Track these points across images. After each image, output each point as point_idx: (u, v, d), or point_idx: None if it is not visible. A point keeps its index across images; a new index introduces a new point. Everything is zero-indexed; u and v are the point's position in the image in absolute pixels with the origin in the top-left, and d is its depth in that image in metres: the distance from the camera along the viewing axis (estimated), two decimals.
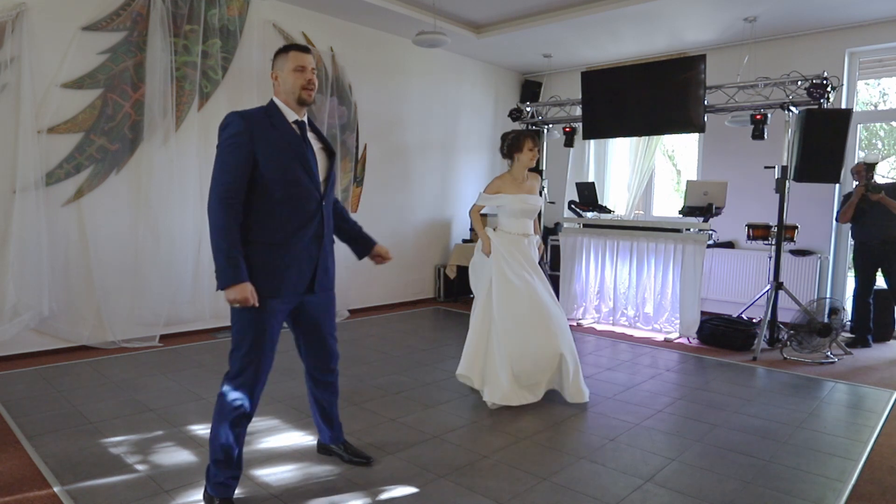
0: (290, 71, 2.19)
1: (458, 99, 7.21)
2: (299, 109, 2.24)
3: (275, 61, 2.25)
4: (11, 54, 3.90)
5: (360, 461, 2.62)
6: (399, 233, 6.65)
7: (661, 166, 7.39)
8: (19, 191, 3.96)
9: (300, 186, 2.18)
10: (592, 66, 6.92)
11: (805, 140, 4.64)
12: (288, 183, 2.15)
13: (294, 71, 2.19)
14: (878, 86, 6.04)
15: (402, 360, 4.42)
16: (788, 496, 2.44)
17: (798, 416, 3.40)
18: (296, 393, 3.54)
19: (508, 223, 3.61)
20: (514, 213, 3.57)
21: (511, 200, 3.55)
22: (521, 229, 3.60)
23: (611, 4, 5.38)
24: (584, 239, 5.94)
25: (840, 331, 4.78)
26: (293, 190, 2.16)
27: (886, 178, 6.10)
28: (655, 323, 5.55)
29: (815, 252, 5.82)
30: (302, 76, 2.20)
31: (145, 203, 4.57)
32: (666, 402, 3.61)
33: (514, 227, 3.59)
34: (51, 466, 2.53)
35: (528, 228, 3.63)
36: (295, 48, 2.24)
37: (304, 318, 2.37)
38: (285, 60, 2.21)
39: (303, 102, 2.23)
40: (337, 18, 5.81)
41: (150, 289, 4.59)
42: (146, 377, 3.81)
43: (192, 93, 4.75)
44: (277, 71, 2.22)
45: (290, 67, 2.19)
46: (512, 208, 3.56)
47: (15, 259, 3.96)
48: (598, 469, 2.66)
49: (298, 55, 2.21)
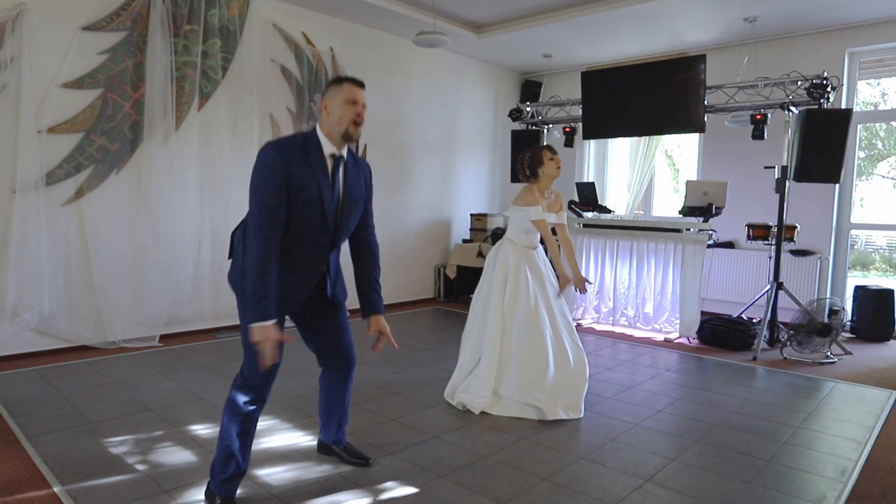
0: (341, 102, 2.11)
1: (458, 99, 7.21)
2: (342, 144, 2.17)
3: (326, 91, 2.17)
4: (11, 54, 3.90)
5: (359, 461, 2.62)
6: (399, 233, 6.65)
7: (661, 166, 7.39)
8: (19, 191, 3.97)
9: (312, 224, 2.13)
10: (592, 66, 6.92)
11: (805, 140, 4.64)
12: (303, 219, 2.11)
13: (346, 103, 2.11)
14: (877, 86, 6.03)
15: (402, 360, 4.42)
16: (788, 496, 2.44)
17: (798, 416, 3.40)
18: (296, 393, 3.54)
19: (522, 236, 3.51)
20: (530, 228, 3.48)
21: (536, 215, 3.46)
22: (531, 242, 3.54)
23: (611, 4, 5.38)
24: (583, 239, 5.94)
25: (840, 331, 4.78)
26: (306, 231, 2.13)
27: (887, 178, 6.11)
28: (655, 323, 5.55)
29: (815, 252, 5.82)
30: (353, 109, 2.12)
31: (145, 203, 4.57)
32: (666, 402, 3.61)
33: (525, 241, 3.51)
34: (51, 466, 2.53)
35: (536, 241, 3.56)
36: (350, 81, 2.15)
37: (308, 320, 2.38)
38: (338, 92, 2.13)
39: (348, 138, 2.15)
40: (337, 18, 5.81)
41: (150, 289, 4.59)
42: (146, 377, 3.81)
43: (192, 93, 4.75)
44: (328, 101, 2.14)
45: (342, 99, 2.11)
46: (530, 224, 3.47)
47: (15, 259, 3.96)
48: (598, 469, 2.66)
49: (353, 88, 2.13)
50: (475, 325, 3.50)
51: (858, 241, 6.40)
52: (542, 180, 3.49)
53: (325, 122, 2.15)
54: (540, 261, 3.54)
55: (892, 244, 6.55)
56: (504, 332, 3.37)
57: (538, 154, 3.48)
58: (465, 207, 7.41)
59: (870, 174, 6.33)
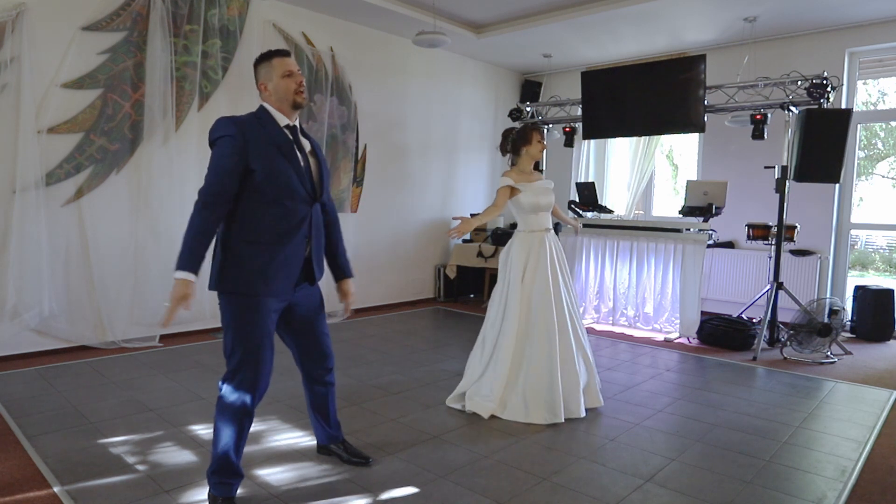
0: (279, 78, 2.19)
1: (458, 99, 7.21)
2: (292, 113, 2.25)
3: (258, 71, 2.23)
4: (11, 54, 3.90)
5: (359, 461, 2.61)
6: (399, 233, 6.65)
7: (661, 166, 7.39)
8: (19, 191, 3.96)
9: (290, 189, 2.18)
10: (592, 66, 6.92)
11: (805, 140, 4.64)
12: (279, 186, 2.15)
13: (284, 77, 2.19)
14: (876, 84, 6.03)
15: (402, 360, 4.42)
16: (788, 496, 2.44)
17: (798, 416, 3.40)
18: (296, 393, 3.54)
19: (529, 220, 3.40)
20: (533, 207, 3.36)
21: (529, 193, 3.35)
22: (544, 224, 3.41)
23: (611, 4, 5.38)
24: (583, 239, 5.94)
25: (840, 331, 4.78)
26: (284, 192, 2.17)
27: (887, 178, 6.11)
28: (655, 323, 5.55)
29: (815, 252, 5.82)
30: (292, 80, 2.20)
31: (145, 203, 4.57)
32: (666, 402, 3.61)
33: (536, 224, 3.38)
34: (51, 466, 2.53)
35: (548, 222, 3.45)
36: (277, 54, 2.22)
37: (295, 320, 2.37)
38: (270, 68, 2.20)
39: (297, 106, 2.23)
40: (337, 18, 5.81)
41: (150, 289, 4.59)
42: (146, 377, 3.81)
43: (192, 93, 4.75)
44: (265, 80, 2.20)
45: (278, 74, 2.19)
46: (530, 202, 3.35)
47: (15, 259, 3.96)
48: (598, 469, 2.66)
49: (284, 60, 2.21)
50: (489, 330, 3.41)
51: (858, 241, 6.41)
52: (522, 159, 3.41)
53: (271, 101, 2.22)
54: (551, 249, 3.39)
55: (892, 244, 6.56)
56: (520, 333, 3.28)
57: (527, 133, 3.37)
58: (465, 207, 7.41)
59: (869, 174, 6.34)
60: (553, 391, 3.19)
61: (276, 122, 2.21)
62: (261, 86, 2.22)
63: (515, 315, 3.30)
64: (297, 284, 2.29)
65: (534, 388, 3.22)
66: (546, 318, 3.26)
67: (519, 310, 3.31)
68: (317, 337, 2.44)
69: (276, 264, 2.17)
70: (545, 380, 3.21)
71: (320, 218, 2.37)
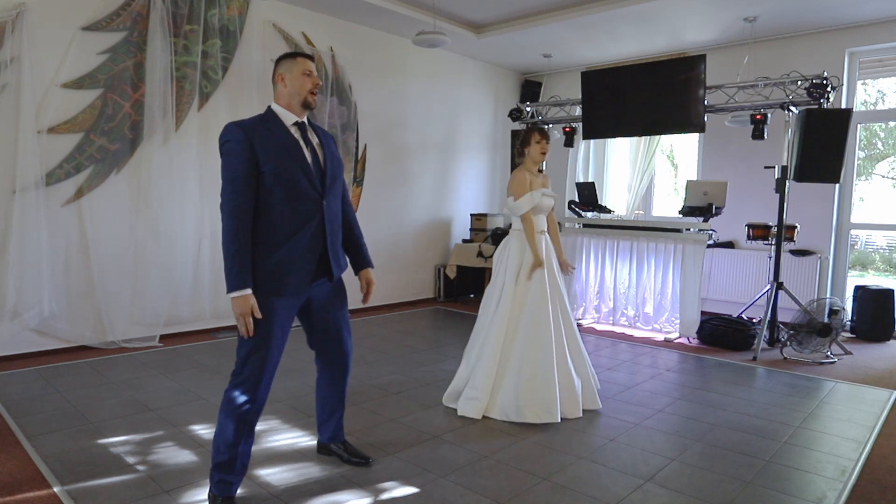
0: (298, 74, 2.25)
1: (458, 99, 7.21)
2: (301, 112, 2.29)
3: (280, 64, 2.29)
4: (11, 54, 3.90)
5: (359, 461, 2.62)
6: (399, 233, 6.65)
7: (661, 166, 7.39)
8: (19, 191, 3.96)
9: (298, 187, 2.20)
10: (592, 66, 6.92)
11: (805, 140, 4.64)
12: (286, 184, 2.17)
13: (302, 74, 2.26)
14: (876, 84, 6.03)
15: (402, 360, 4.42)
16: (788, 496, 2.44)
17: (798, 416, 3.40)
18: (296, 393, 3.54)
19: None
20: (534, 207, 3.37)
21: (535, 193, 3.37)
22: (540, 226, 3.44)
23: (611, 4, 5.38)
24: (584, 239, 5.95)
25: (840, 331, 4.78)
26: (292, 191, 2.19)
27: (887, 178, 6.11)
28: (655, 323, 5.55)
29: (815, 252, 5.82)
30: (310, 80, 2.27)
31: (145, 203, 4.57)
32: (666, 402, 3.61)
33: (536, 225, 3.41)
34: (51, 466, 2.53)
35: (544, 225, 3.49)
36: (302, 55, 2.31)
37: (314, 316, 2.40)
38: (294, 64, 2.27)
39: (308, 106, 2.29)
40: (337, 18, 5.81)
41: (150, 289, 4.59)
42: (146, 377, 3.81)
43: (192, 93, 4.75)
44: (285, 73, 2.26)
45: (299, 71, 2.26)
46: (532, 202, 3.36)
47: (15, 259, 3.96)
48: (598, 469, 2.66)
49: (307, 62, 2.29)
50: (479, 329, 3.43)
51: (858, 241, 6.41)
52: (526, 161, 3.47)
53: (283, 94, 2.27)
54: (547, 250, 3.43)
55: (892, 244, 6.55)
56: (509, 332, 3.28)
57: (528, 134, 3.44)
58: (465, 207, 7.41)
59: (869, 174, 6.34)
60: (548, 390, 3.18)
61: (283, 123, 2.24)
62: (278, 77, 2.27)
63: (505, 314, 3.31)
64: (315, 280, 2.30)
65: (527, 387, 3.21)
66: (541, 317, 3.27)
67: (511, 309, 3.32)
68: (336, 334, 2.47)
69: (286, 263, 2.18)
70: (539, 379, 3.20)
71: (336, 213, 2.37)
